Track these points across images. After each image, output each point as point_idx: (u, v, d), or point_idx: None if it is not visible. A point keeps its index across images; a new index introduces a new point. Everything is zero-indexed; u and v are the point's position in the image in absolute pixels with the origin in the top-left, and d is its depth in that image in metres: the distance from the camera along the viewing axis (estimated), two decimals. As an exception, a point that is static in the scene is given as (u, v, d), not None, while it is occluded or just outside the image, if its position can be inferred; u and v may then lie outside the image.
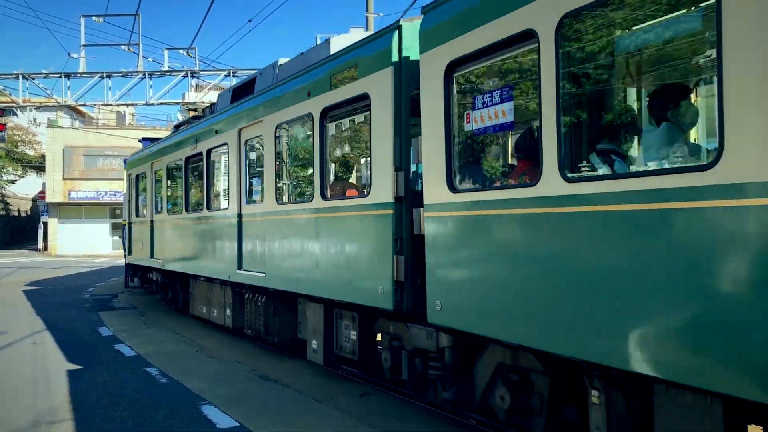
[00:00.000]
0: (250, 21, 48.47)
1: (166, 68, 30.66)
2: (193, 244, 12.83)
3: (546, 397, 5.33)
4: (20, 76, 30.59)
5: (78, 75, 30.63)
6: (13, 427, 6.67)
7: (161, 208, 15.18)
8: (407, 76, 6.58)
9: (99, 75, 30.32)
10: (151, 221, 15.96)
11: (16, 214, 56.79)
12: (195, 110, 16.59)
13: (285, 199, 9.18)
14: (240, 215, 10.35)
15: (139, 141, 19.93)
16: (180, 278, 14.92)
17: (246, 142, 10.35)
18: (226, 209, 11.02)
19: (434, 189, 5.92)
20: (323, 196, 7.91)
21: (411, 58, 6.54)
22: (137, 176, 17.59)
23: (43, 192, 47.36)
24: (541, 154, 4.67)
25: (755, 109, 3.30)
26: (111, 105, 32.81)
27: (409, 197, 6.56)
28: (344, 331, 8.07)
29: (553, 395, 5.32)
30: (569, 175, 4.50)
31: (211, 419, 6.86)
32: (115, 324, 13.71)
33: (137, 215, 17.70)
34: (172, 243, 14.40)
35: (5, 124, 44.59)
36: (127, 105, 35.83)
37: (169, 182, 14.84)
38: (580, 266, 4.42)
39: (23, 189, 55.98)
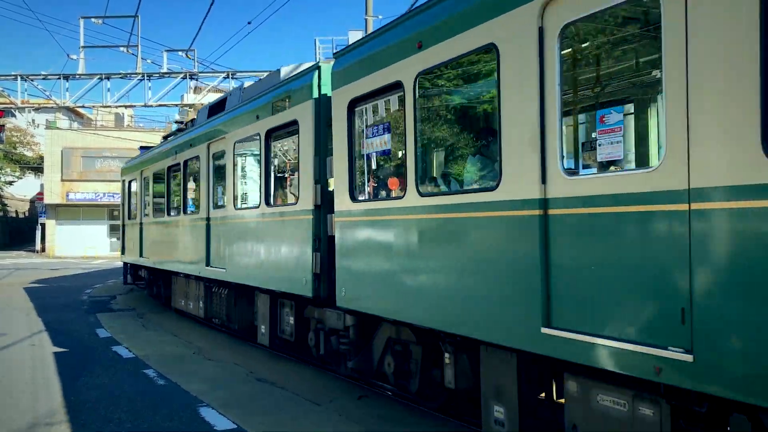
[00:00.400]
0: (249, 23, 48.45)
1: (165, 70, 30.70)
2: (174, 244, 14.25)
3: (419, 362, 6.79)
4: (19, 78, 30.59)
5: (77, 76, 30.64)
6: (12, 428, 6.68)
7: (148, 211, 16.78)
8: (325, 107, 8.02)
9: (98, 76, 30.34)
10: (140, 223, 17.43)
11: (14, 215, 56.73)
12: (181, 123, 18.01)
13: (240, 205, 10.72)
14: (208, 219, 11.93)
15: (139, 149, 20.83)
16: (163, 275, 16.33)
17: (213, 155, 11.90)
18: (198, 213, 12.60)
19: (341, 198, 7.41)
20: (267, 203, 9.50)
21: (328, 94, 7.92)
22: (130, 182, 19.26)
23: (41, 193, 47.34)
24: (406, 175, 6.16)
25: (516, 155, 4.87)
26: (110, 106, 32.81)
27: (327, 205, 7.97)
28: (285, 318, 9.63)
29: (425, 360, 6.74)
30: (421, 191, 6.04)
31: (209, 421, 6.88)
32: (113, 326, 13.72)
33: (129, 218, 19.27)
34: (156, 243, 15.90)
35: (4, 125, 44.52)
36: (126, 106, 35.87)
37: (154, 188, 16.40)
38: (429, 259, 5.92)
39: (21, 190, 55.91)
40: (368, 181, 7.43)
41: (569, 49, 5.11)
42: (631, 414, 4.20)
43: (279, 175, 9.86)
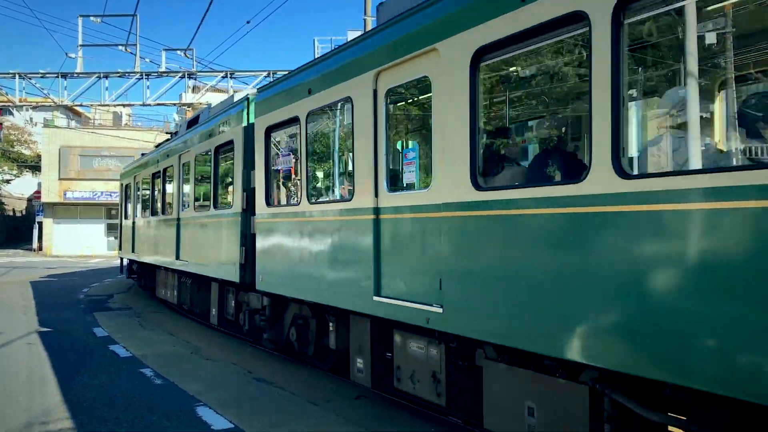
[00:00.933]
0: (248, 22, 48.16)
1: (163, 69, 30.62)
2: (156, 241, 16.42)
3: (314, 331, 8.86)
4: (17, 76, 30.51)
5: (75, 75, 30.55)
6: (8, 427, 6.65)
7: (138, 212, 19.24)
8: (252, 132, 9.90)
9: (96, 75, 30.26)
10: (133, 223, 19.81)
11: (11, 213, 56.62)
12: (169, 133, 20.32)
13: (199, 207, 13.03)
14: (178, 219, 14.06)
15: (140, 155, 22.77)
16: (149, 268, 18.67)
17: (183, 164, 14.09)
18: (171, 214, 14.71)
19: (260, 204, 9.49)
20: (215, 207, 11.82)
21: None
22: (126, 185, 21.87)
23: (38, 192, 47.21)
24: (301, 187, 8.32)
25: (362, 177, 6.91)
26: (108, 105, 32.77)
27: (252, 209, 9.88)
28: (229, 302, 11.74)
29: (318, 330, 8.79)
30: (311, 199, 8.15)
31: (206, 421, 6.86)
32: (110, 325, 13.69)
33: (125, 218, 21.77)
34: (144, 240, 18.20)
35: (1, 124, 44.48)
36: (124, 105, 35.78)
37: (144, 191, 18.75)
38: (315, 250, 7.93)
39: (19, 189, 55.80)
40: (278, 191, 9.52)
41: (392, 105, 7.31)
42: (426, 354, 6.37)
43: (223, 183, 11.93)
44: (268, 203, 9.24)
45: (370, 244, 6.67)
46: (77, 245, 44.20)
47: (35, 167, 50.77)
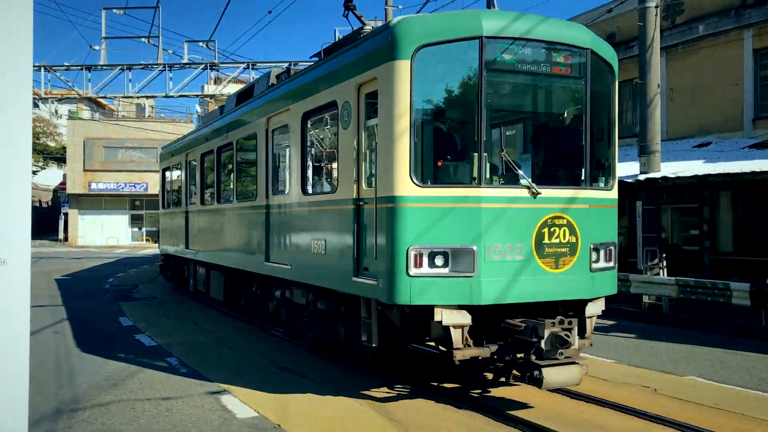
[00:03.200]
0: (270, 12, 48.42)
1: (185, 61, 30.81)
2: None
3: (178, 271, 18.27)
4: (42, 68, 30.88)
5: (99, 67, 30.87)
6: (37, 414, 6.74)
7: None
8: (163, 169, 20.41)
9: (119, 67, 30.54)
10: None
11: (37, 204, 57.40)
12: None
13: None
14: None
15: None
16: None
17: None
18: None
19: (161, 205, 20.39)
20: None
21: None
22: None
23: (63, 183, 47.82)
24: (170, 199, 19.22)
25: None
26: (131, 97, 33.09)
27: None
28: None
29: (179, 270, 18.32)
30: (169, 206, 19.38)
31: (231, 409, 6.89)
32: (135, 314, 13.85)
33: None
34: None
35: (27, 116, 44.99)
36: (147, 97, 36.13)
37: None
38: (170, 229, 18.41)
39: (44, 180, 56.56)
40: (167, 199, 18.97)
41: (191, 169, 16.08)
42: (194, 270, 16.28)
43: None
44: (164, 206, 19.48)
45: (183, 225, 15.58)
46: (102, 236, 44.75)
47: (60, 159, 51.42)
